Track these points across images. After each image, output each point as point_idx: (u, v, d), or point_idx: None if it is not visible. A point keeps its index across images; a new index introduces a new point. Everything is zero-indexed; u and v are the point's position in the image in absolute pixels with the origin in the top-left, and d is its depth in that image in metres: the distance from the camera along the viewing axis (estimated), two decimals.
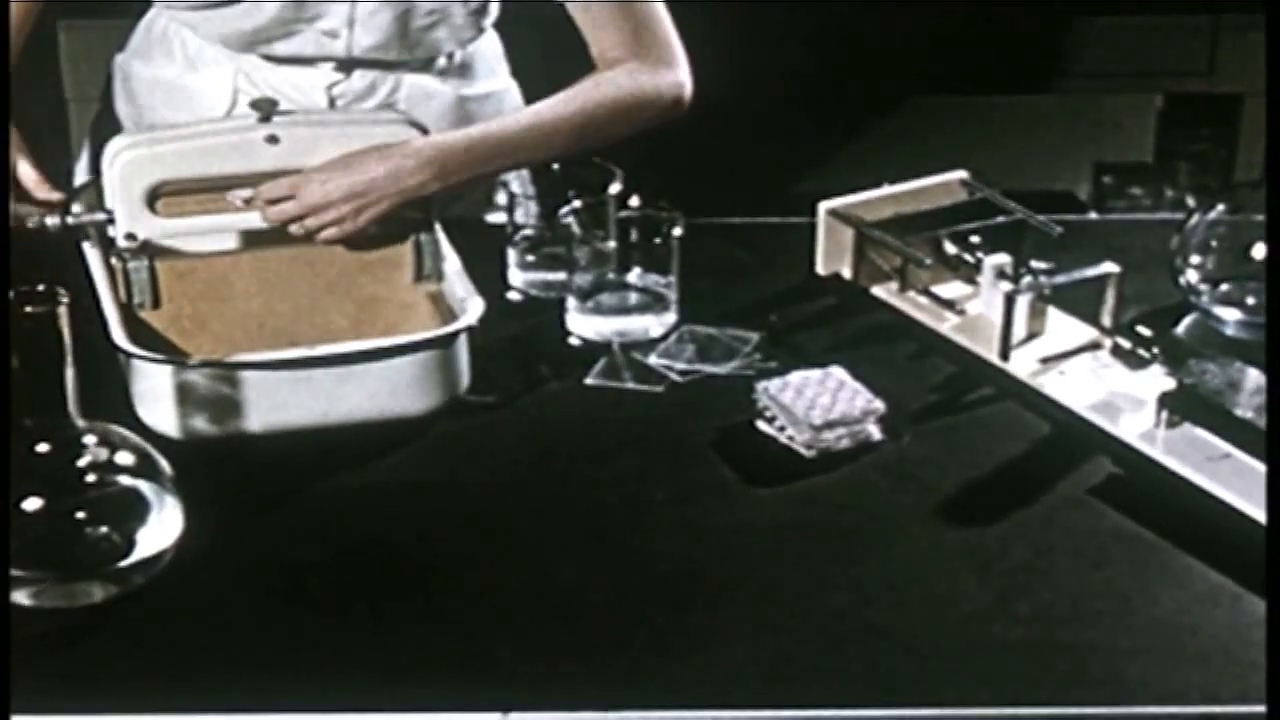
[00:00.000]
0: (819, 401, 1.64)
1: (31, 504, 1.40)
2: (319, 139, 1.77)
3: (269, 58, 2.00)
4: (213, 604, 1.44)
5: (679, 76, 1.97)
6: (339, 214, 1.76)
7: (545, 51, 1.97)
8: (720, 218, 2.03)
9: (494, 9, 2.05)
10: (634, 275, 1.82)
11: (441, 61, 2.06)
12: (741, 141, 3.10)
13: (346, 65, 2.01)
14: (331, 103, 2.01)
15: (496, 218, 2.14)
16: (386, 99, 2.03)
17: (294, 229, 1.77)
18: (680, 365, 1.77)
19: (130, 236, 1.75)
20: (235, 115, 1.94)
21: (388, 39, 1.97)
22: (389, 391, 1.63)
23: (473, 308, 1.68)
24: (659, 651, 1.39)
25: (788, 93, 2.98)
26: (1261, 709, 1.30)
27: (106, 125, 2.11)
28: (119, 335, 1.62)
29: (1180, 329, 1.85)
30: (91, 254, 1.76)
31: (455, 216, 1.87)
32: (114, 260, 1.75)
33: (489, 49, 2.13)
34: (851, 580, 1.48)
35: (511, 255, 1.91)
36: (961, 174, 1.97)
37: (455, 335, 1.66)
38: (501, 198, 2.15)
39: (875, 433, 1.64)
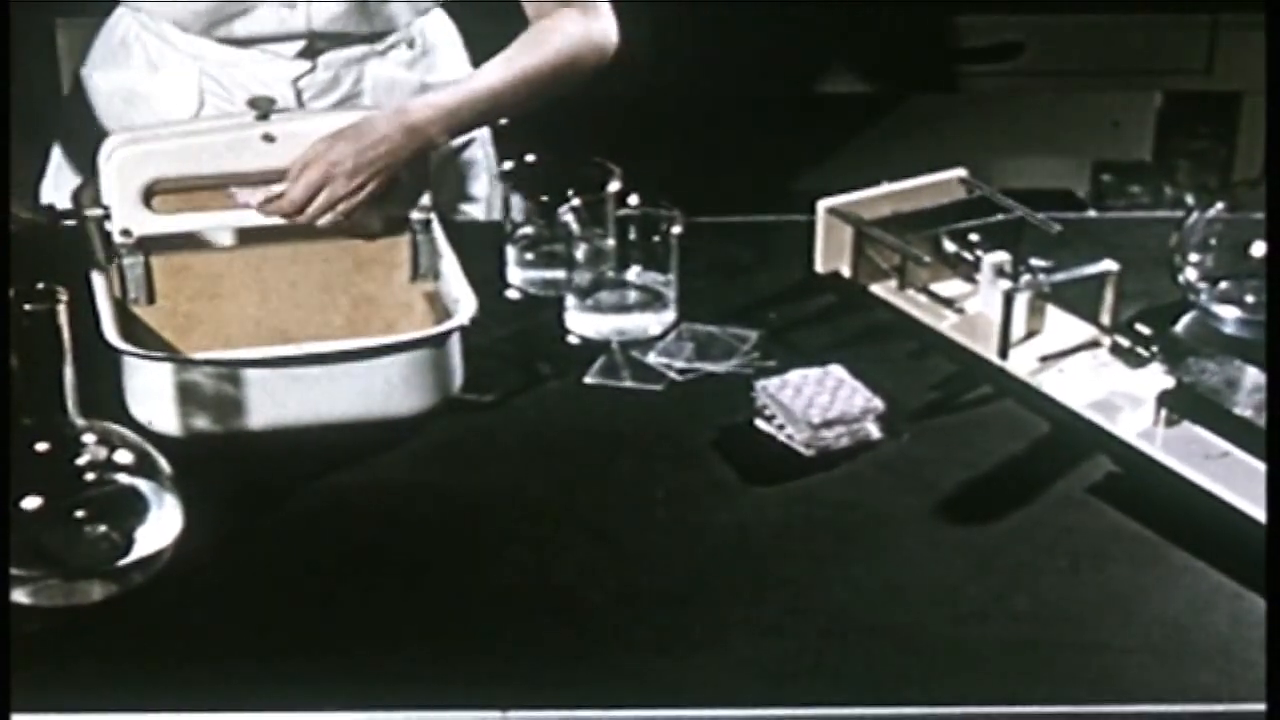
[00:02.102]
0: (818, 400, 1.63)
1: (31, 503, 1.40)
2: (315, 138, 1.77)
3: (230, 41, 1.99)
4: (211, 603, 1.44)
5: (606, 24, 2.01)
6: (365, 176, 1.75)
7: (502, 43, 1.97)
8: (719, 216, 2.02)
9: None
10: (633, 273, 1.82)
11: (403, 48, 2.06)
12: (741, 139, 3.10)
13: (309, 49, 2.01)
14: (298, 96, 2.01)
15: (472, 209, 2.14)
16: (351, 90, 2.04)
17: (320, 202, 1.75)
18: (679, 364, 1.77)
19: (126, 233, 1.75)
20: (233, 113, 1.94)
21: (346, 9, 1.98)
22: (381, 390, 1.62)
23: (465, 307, 1.68)
24: (659, 651, 1.39)
25: (787, 91, 2.98)
26: (1261, 708, 1.29)
27: (71, 140, 2.10)
28: (111, 332, 1.62)
29: (1179, 327, 1.85)
30: (90, 251, 1.76)
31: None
32: (109, 256, 1.75)
33: (447, 38, 2.14)
34: (851, 579, 1.47)
35: (510, 253, 1.91)
36: (960, 172, 1.97)
37: (447, 335, 1.66)
38: (475, 189, 2.15)
39: (874, 431, 1.64)
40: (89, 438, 1.43)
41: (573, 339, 1.81)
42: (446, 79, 2.07)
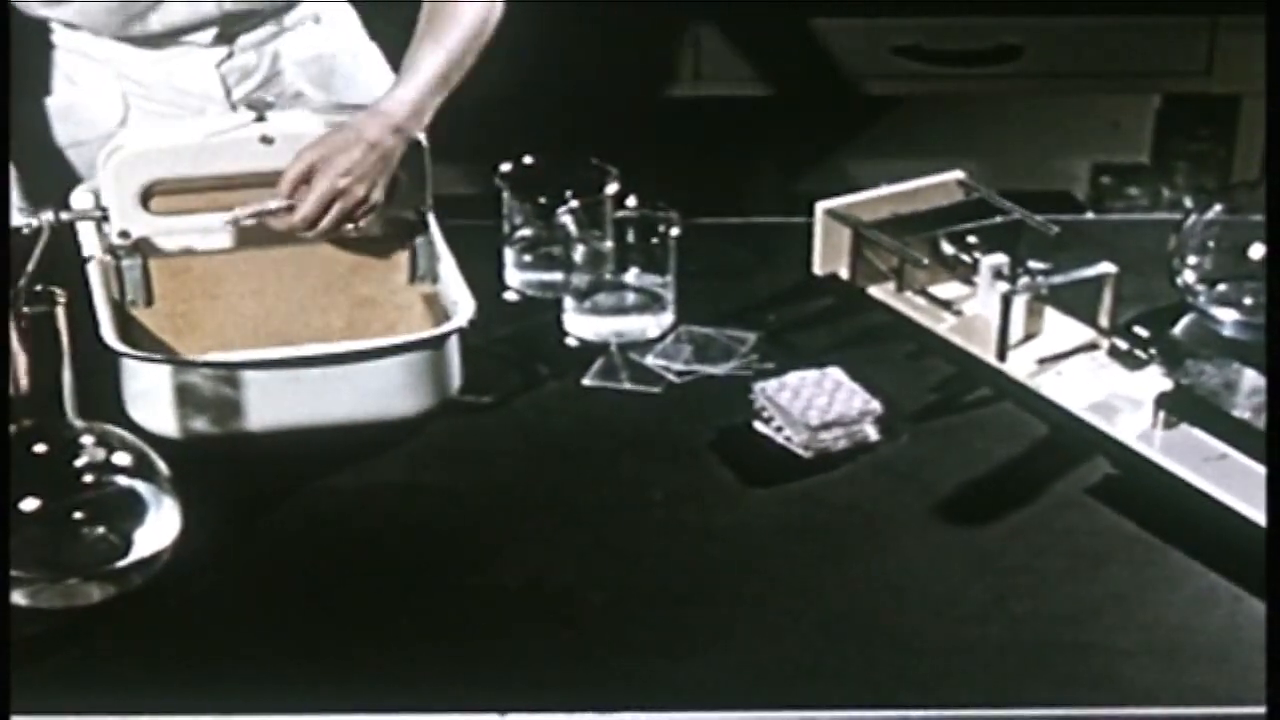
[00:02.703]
0: (816, 402, 1.64)
1: (29, 504, 1.40)
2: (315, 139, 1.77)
3: (146, 40, 1.98)
4: (210, 604, 1.44)
5: None
6: (370, 184, 1.74)
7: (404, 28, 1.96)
8: (717, 218, 2.03)
9: None
10: (631, 275, 1.82)
11: (310, 24, 2.08)
12: (739, 141, 3.10)
13: (223, 35, 2.01)
14: (223, 82, 2.02)
15: None
16: (271, 70, 2.05)
17: (334, 215, 1.74)
18: (678, 366, 1.77)
19: (124, 234, 1.75)
20: (232, 114, 1.94)
21: None
22: (380, 392, 1.62)
23: (464, 309, 1.68)
24: (659, 651, 1.39)
25: (787, 93, 2.98)
26: (1261, 709, 1.29)
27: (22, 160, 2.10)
28: (109, 334, 1.62)
29: (1177, 329, 1.85)
30: (88, 252, 1.76)
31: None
32: (108, 258, 1.75)
33: (343, 11, 2.15)
34: (850, 580, 1.48)
35: (509, 255, 1.91)
36: (958, 174, 1.97)
37: (445, 336, 1.66)
38: None
39: (872, 433, 1.64)
40: (87, 439, 1.43)
41: (571, 341, 1.82)
42: (352, 51, 2.11)
